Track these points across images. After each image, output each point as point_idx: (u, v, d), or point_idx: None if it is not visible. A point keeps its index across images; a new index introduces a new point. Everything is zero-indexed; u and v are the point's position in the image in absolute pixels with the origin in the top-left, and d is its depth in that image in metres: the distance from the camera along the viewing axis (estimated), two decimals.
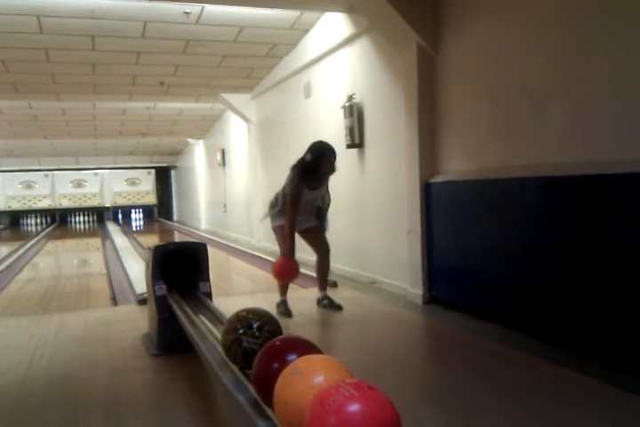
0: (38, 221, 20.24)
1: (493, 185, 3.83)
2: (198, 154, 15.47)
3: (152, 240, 11.57)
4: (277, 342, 1.66)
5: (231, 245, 9.90)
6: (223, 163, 12.27)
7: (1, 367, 3.28)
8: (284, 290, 4.46)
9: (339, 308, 4.44)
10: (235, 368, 2.00)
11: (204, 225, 14.98)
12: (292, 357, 1.53)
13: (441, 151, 4.51)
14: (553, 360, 3.03)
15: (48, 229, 17.28)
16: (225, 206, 12.38)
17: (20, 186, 19.81)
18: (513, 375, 2.89)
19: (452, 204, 4.34)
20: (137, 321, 4.17)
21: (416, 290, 4.66)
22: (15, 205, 19.87)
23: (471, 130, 4.17)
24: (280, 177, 4.66)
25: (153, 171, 21.04)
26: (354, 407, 1.14)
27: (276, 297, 4.55)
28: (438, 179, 4.47)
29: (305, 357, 1.47)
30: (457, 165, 4.34)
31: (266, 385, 1.53)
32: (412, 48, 4.58)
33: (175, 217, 20.61)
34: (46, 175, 19.92)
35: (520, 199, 3.60)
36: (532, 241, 3.50)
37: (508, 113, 3.79)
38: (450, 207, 4.36)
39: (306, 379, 1.35)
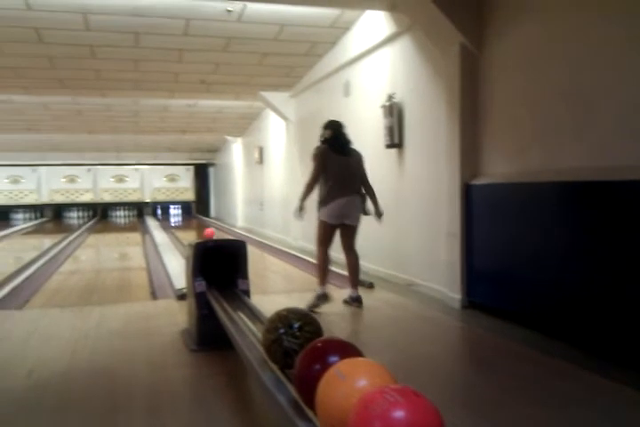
0: (80, 214, 20.74)
1: (536, 188, 3.75)
2: (236, 151, 15.60)
3: (190, 236, 11.73)
4: (319, 344, 1.66)
5: (267, 242, 9.96)
6: (261, 161, 12.35)
7: (45, 358, 3.37)
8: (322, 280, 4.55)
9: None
10: (274, 367, 2.01)
11: (240, 222, 15.10)
12: (334, 359, 1.53)
13: (482, 153, 4.45)
14: (595, 371, 2.95)
15: (90, 223, 17.67)
16: (262, 204, 12.46)
17: (63, 180, 20.33)
18: (554, 385, 2.83)
19: (493, 206, 4.27)
20: (176, 316, 4.23)
21: (454, 294, 4.60)
22: (59, 199, 20.39)
23: (514, 132, 4.10)
24: None
25: (192, 167, 21.31)
26: (399, 414, 1.13)
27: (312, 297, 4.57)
28: (479, 181, 4.41)
29: (348, 359, 1.47)
30: (499, 168, 4.27)
31: (307, 386, 1.53)
32: (455, 48, 4.52)
33: (212, 214, 20.84)
34: (89, 170, 20.39)
35: (564, 203, 3.53)
36: (575, 246, 3.42)
37: (552, 115, 3.71)
38: (491, 210, 4.29)
39: (349, 382, 1.35)
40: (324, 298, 4.45)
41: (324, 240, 4.56)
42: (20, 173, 19.93)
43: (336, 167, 4.49)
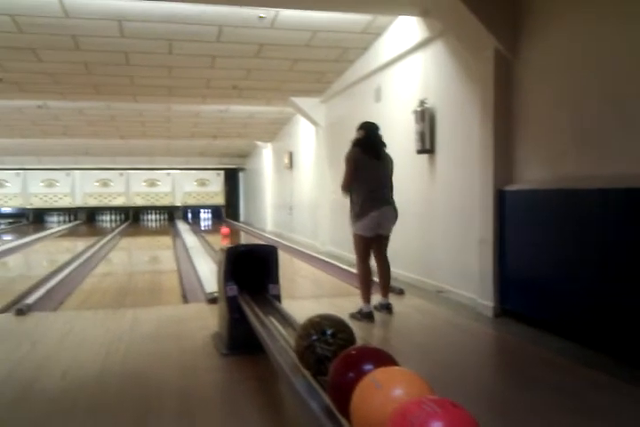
0: (113, 217, 21.09)
1: (574, 196, 3.68)
2: (266, 156, 15.70)
3: (220, 240, 11.81)
4: (354, 352, 1.65)
5: (296, 247, 9.98)
6: (291, 166, 12.40)
7: (79, 360, 3.41)
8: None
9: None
10: (307, 373, 2.01)
11: (269, 227, 15.18)
12: (369, 367, 1.52)
13: (517, 158, 4.38)
14: (631, 382, 2.88)
15: (122, 226, 17.94)
16: (291, 209, 12.51)
17: (96, 184, 20.71)
18: (589, 396, 2.77)
19: (528, 213, 4.20)
20: (207, 320, 4.25)
21: (486, 301, 4.54)
22: (92, 202, 20.77)
23: (550, 137, 4.03)
24: None
25: (222, 172, 21.51)
26: (437, 425, 1.11)
27: (342, 302, 4.54)
28: (513, 187, 4.34)
29: (383, 368, 1.46)
30: (534, 174, 4.20)
31: (341, 394, 1.52)
32: (488, 52, 4.48)
33: (242, 218, 20.98)
34: (121, 174, 20.73)
35: (602, 211, 3.45)
36: (614, 255, 3.34)
37: (591, 120, 3.64)
38: (525, 217, 4.22)
39: (385, 391, 1.34)
40: (369, 317, 4.29)
41: (365, 254, 4.45)
42: (54, 177, 20.37)
43: (369, 172, 4.37)
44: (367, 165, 4.39)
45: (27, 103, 10.04)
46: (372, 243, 4.45)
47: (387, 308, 4.49)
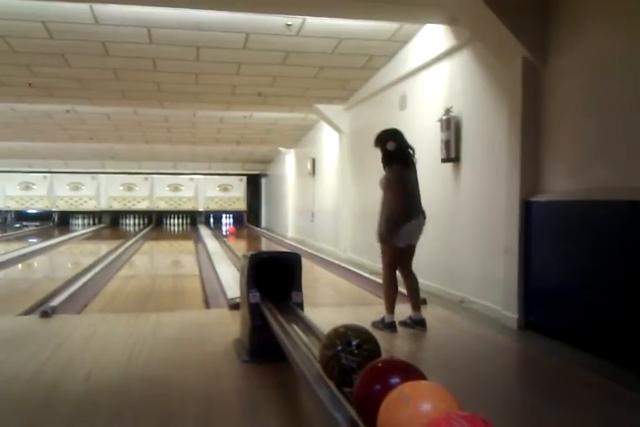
0: (136, 221, 21.30)
1: (602, 207, 3.62)
2: (289, 163, 15.74)
3: (241, 245, 11.85)
4: (380, 364, 1.63)
5: (317, 254, 9.95)
6: (313, 172, 12.41)
7: (103, 363, 3.44)
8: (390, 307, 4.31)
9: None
10: (330, 383, 1.99)
11: (290, 233, 15.18)
12: (396, 380, 1.50)
13: (544, 169, 4.32)
14: None
15: (145, 230, 18.10)
16: (312, 215, 12.51)
17: (121, 188, 20.96)
18: (618, 413, 2.71)
19: (554, 224, 4.13)
20: (228, 325, 4.25)
21: (510, 313, 4.47)
22: (116, 206, 21.02)
23: (579, 147, 3.97)
24: (370, 188, 4.61)
25: (244, 178, 21.63)
26: None
27: (364, 311, 4.50)
28: (540, 198, 4.28)
29: (411, 382, 1.44)
30: (561, 185, 4.14)
31: (367, 407, 1.51)
32: (517, 61, 4.44)
33: (263, 224, 21.04)
34: (146, 179, 20.95)
35: (631, 224, 3.38)
36: None
37: (620, 130, 3.58)
38: (552, 228, 4.16)
39: (413, 406, 1.32)
40: (391, 327, 4.23)
41: (395, 265, 4.36)
42: (80, 181, 20.67)
43: (408, 187, 4.27)
44: (407, 180, 4.30)
45: (55, 108, 10.20)
46: (404, 253, 4.38)
47: (420, 323, 4.31)
